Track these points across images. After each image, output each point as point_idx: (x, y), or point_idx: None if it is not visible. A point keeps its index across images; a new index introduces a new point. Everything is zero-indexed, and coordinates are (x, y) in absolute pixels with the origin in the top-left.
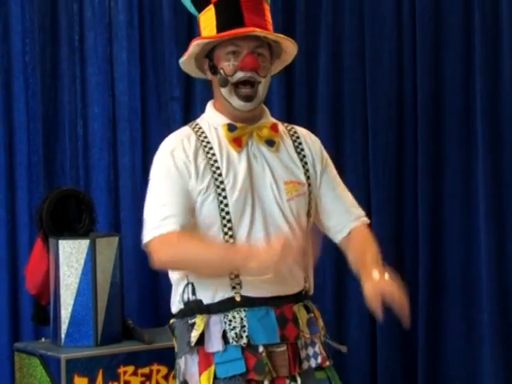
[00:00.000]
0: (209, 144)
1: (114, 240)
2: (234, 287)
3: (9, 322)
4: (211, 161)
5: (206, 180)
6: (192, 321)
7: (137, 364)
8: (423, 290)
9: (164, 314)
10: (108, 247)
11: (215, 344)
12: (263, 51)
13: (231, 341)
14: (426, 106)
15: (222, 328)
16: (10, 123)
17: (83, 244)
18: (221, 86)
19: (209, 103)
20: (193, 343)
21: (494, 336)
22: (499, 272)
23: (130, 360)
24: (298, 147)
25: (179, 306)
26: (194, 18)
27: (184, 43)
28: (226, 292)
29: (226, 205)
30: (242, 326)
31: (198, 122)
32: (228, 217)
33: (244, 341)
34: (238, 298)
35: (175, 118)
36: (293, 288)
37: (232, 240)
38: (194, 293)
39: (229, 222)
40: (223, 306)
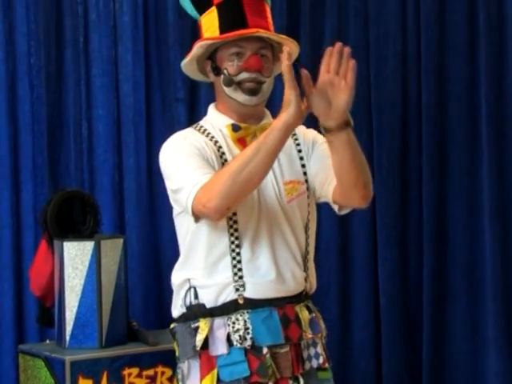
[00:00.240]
0: (217, 143)
1: (119, 242)
2: (237, 289)
3: (13, 324)
4: (219, 152)
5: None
6: (195, 325)
7: (141, 366)
8: (428, 291)
9: (169, 315)
10: (113, 249)
11: (220, 347)
12: (266, 52)
13: (235, 343)
14: (431, 108)
15: (227, 331)
16: (15, 125)
17: (88, 246)
18: (225, 85)
19: (211, 106)
20: (198, 347)
21: (499, 337)
22: (504, 273)
23: (134, 362)
24: (298, 145)
25: (181, 310)
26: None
27: (189, 45)
28: (229, 295)
29: None
30: (246, 328)
31: (201, 123)
32: (235, 218)
33: (248, 343)
34: (240, 301)
35: (180, 119)
36: (294, 288)
37: (237, 241)
38: (196, 297)
39: (235, 224)
40: (226, 309)
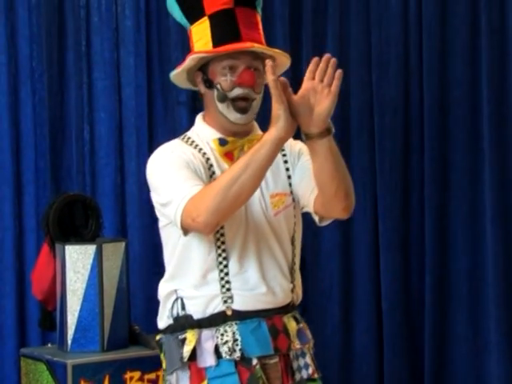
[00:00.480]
0: (205, 155)
1: (121, 245)
2: (225, 301)
3: (15, 328)
4: (208, 164)
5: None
6: (182, 336)
7: (143, 369)
8: (430, 295)
9: None
10: (114, 252)
11: (208, 359)
12: (258, 65)
13: (224, 355)
14: (433, 111)
15: (214, 342)
16: (17, 128)
17: (90, 249)
18: (219, 101)
19: (198, 116)
20: (185, 359)
21: (501, 341)
22: (506, 277)
23: (136, 365)
24: (284, 156)
25: (168, 321)
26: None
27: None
28: (217, 306)
29: None
30: (235, 340)
31: (189, 135)
32: (222, 231)
33: (237, 354)
34: (229, 312)
35: (182, 122)
36: (282, 300)
37: (225, 254)
38: (183, 308)
39: (222, 236)
40: (214, 321)
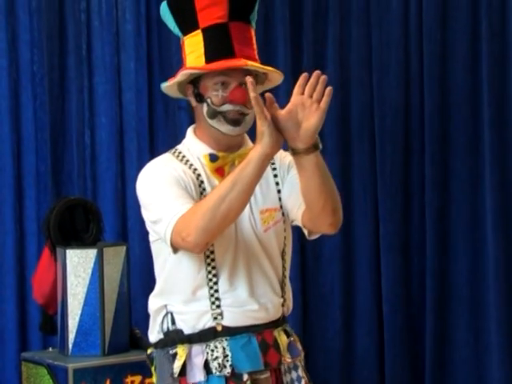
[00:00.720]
0: (196, 171)
1: (122, 249)
2: (215, 317)
3: (16, 332)
4: (198, 181)
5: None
6: (173, 351)
7: (144, 374)
8: (431, 298)
9: None
10: (115, 256)
11: (197, 374)
12: None
13: (214, 371)
14: (433, 116)
15: (204, 358)
16: (18, 132)
17: (90, 253)
18: (210, 118)
19: (189, 130)
20: (176, 374)
21: (502, 343)
22: (507, 279)
23: (137, 370)
24: (274, 170)
25: (158, 336)
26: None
27: None
28: (207, 322)
29: None
30: (225, 356)
31: (180, 149)
32: (211, 248)
33: (228, 370)
34: (219, 328)
35: (182, 127)
36: (273, 315)
37: (215, 271)
38: (173, 322)
39: (212, 254)
40: (204, 336)
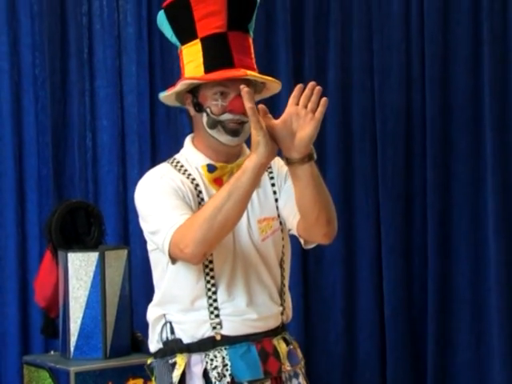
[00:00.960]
0: (194, 180)
1: (123, 253)
2: (214, 327)
3: (18, 335)
4: (197, 191)
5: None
6: (172, 360)
7: (146, 377)
8: (432, 302)
9: None
10: (117, 260)
11: (196, 383)
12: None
13: (213, 380)
14: (435, 119)
15: (203, 367)
16: (20, 136)
17: (92, 257)
18: (209, 127)
19: (187, 139)
20: (175, 383)
21: (504, 347)
22: (508, 283)
23: (139, 373)
24: (272, 179)
25: (158, 345)
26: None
27: None
28: (206, 332)
29: None
30: (225, 365)
31: (178, 159)
32: (210, 258)
33: (227, 379)
34: (218, 337)
35: (184, 130)
36: (272, 324)
37: (213, 281)
38: (172, 332)
39: (211, 263)
40: (204, 345)
